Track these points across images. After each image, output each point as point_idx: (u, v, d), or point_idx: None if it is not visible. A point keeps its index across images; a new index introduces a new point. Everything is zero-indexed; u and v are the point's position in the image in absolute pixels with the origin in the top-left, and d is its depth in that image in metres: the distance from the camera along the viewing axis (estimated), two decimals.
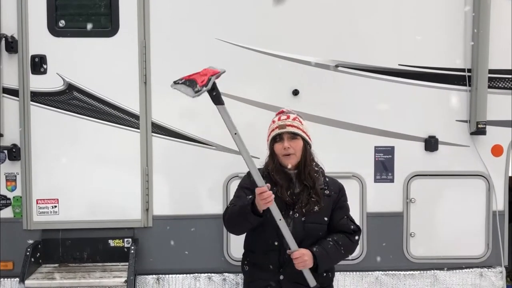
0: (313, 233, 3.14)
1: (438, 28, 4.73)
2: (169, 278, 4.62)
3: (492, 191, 4.79)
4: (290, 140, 3.15)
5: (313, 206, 3.12)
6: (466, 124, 4.77)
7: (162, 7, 4.53)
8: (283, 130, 3.16)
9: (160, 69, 4.55)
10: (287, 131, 3.16)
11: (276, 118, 3.26)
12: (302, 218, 3.11)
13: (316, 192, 3.15)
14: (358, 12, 4.67)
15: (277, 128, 3.19)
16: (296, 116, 3.26)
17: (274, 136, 3.19)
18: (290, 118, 3.22)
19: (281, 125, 3.18)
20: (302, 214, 3.11)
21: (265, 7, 4.57)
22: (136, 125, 4.56)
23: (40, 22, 4.46)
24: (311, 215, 3.12)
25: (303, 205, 3.11)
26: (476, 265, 4.83)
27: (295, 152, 3.15)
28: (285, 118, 3.21)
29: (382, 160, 4.75)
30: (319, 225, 3.17)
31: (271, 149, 3.24)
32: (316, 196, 3.14)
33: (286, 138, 3.15)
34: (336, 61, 4.65)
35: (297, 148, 3.15)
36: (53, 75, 4.49)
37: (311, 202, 3.12)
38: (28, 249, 4.36)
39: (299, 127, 3.20)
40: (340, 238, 3.20)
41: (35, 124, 4.49)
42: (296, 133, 3.16)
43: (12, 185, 4.53)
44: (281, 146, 3.15)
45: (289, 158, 3.15)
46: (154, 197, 4.61)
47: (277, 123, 3.22)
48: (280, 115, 3.29)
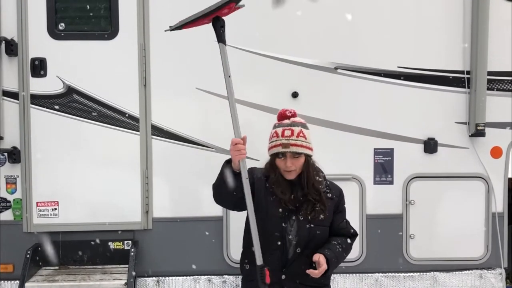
0: (317, 236, 3.13)
1: (437, 30, 4.74)
2: (169, 280, 4.62)
3: (492, 192, 4.80)
4: (292, 158, 3.07)
5: (318, 215, 3.10)
6: (465, 126, 4.78)
7: (161, 10, 4.54)
8: (286, 150, 3.05)
9: (160, 72, 4.56)
10: (290, 151, 3.06)
11: (280, 131, 3.10)
12: (307, 225, 3.10)
13: (323, 202, 3.12)
14: (357, 14, 4.69)
15: (280, 146, 3.06)
16: (300, 130, 3.10)
17: (277, 153, 3.10)
18: (294, 135, 3.07)
19: (285, 144, 3.05)
20: (308, 220, 3.10)
21: (265, 9, 4.58)
22: (136, 128, 4.57)
23: (40, 25, 4.48)
24: (316, 220, 3.12)
25: (308, 213, 3.09)
26: (476, 266, 4.84)
27: (296, 169, 3.11)
28: (289, 135, 3.07)
29: (382, 162, 4.76)
30: (323, 228, 3.16)
31: (272, 160, 3.17)
32: (322, 206, 3.11)
33: (289, 156, 3.07)
34: (336, 63, 4.67)
35: (298, 165, 3.09)
36: (53, 78, 4.50)
37: (316, 211, 3.10)
38: (28, 252, 4.37)
39: (303, 145, 3.08)
40: (343, 241, 3.21)
41: (35, 127, 4.51)
42: (299, 152, 3.08)
43: (12, 188, 4.53)
44: (283, 163, 3.09)
45: (290, 174, 3.12)
46: (154, 199, 4.62)
47: (280, 140, 3.07)
48: (284, 128, 3.11)
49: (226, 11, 2.96)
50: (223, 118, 4.44)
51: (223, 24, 2.99)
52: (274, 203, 3.10)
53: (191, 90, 4.59)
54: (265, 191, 3.13)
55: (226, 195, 3.09)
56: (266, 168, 3.22)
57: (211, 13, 2.94)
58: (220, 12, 2.95)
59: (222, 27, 2.98)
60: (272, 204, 3.10)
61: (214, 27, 2.99)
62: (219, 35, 2.99)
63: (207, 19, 2.99)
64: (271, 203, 3.10)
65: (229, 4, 2.90)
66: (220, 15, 2.97)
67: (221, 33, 2.98)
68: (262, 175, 3.19)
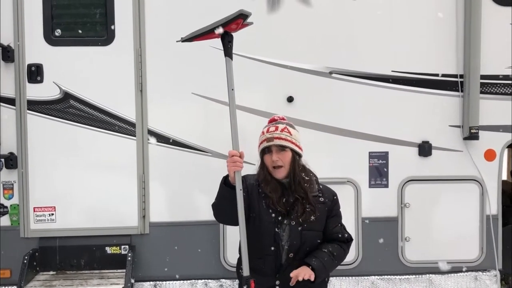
0: (309, 240, 3.16)
1: (430, 34, 4.78)
2: (166, 285, 4.63)
3: (486, 195, 4.83)
4: (278, 152, 3.16)
5: (309, 216, 3.13)
6: (459, 129, 4.82)
7: (157, 16, 4.57)
8: (270, 143, 3.16)
9: (156, 77, 4.59)
10: (274, 144, 3.16)
11: (265, 130, 3.26)
12: (298, 228, 3.13)
13: (309, 202, 3.15)
14: (352, 19, 4.72)
15: (265, 141, 3.19)
16: (285, 127, 3.24)
17: (263, 148, 3.21)
18: (278, 130, 3.20)
19: (269, 138, 3.18)
20: (299, 223, 3.13)
21: (260, 15, 4.59)
22: (132, 133, 4.59)
23: (36, 31, 4.50)
24: (308, 223, 3.15)
25: (299, 215, 3.12)
26: (471, 268, 4.87)
27: (283, 164, 3.16)
28: (273, 130, 3.21)
29: (377, 166, 4.79)
30: (315, 232, 3.19)
31: (261, 160, 3.26)
32: (310, 206, 3.15)
33: (274, 150, 3.16)
34: (330, 67, 4.70)
35: (286, 160, 3.17)
36: (50, 83, 4.52)
37: (307, 212, 3.13)
38: (25, 257, 4.37)
39: (287, 139, 3.18)
40: (335, 248, 3.22)
41: (32, 133, 4.52)
42: (283, 145, 3.17)
43: (9, 193, 4.54)
44: (270, 158, 3.17)
45: (278, 171, 3.17)
46: (150, 204, 4.63)
47: (265, 135, 3.22)
48: (269, 125, 3.28)
49: (235, 26, 3.05)
50: (220, 123, 4.51)
51: (231, 39, 3.09)
52: (267, 209, 3.14)
53: (187, 95, 4.61)
54: (258, 197, 3.18)
55: (225, 211, 3.14)
56: (258, 172, 3.26)
57: (221, 27, 3.03)
58: (229, 27, 3.04)
59: (229, 42, 3.08)
60: (265, 210, 3.14)
61: (223, 41, 3.08)
62: (226, 49, 3.08)
63: (216, 34, 3.07)
64: (264, 210, 3.14)
65: (237, 19, 2.99)
66: (229, 30, 3.06)
67: (228, 47, 3.08)
68: (254, 181, 3.24)
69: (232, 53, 3.09)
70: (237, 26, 3.06)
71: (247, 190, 3.15)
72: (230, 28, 3.06)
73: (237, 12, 2.97)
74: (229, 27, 3.04)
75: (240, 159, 2.98)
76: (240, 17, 2.98)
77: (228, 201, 3.05)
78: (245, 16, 2.99)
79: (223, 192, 3.08)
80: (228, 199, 3.04)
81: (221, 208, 3.17)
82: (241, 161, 2.99)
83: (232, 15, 2.98)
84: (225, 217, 3.25)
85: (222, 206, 3.14)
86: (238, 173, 2.99)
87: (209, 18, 4.50)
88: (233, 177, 2.99)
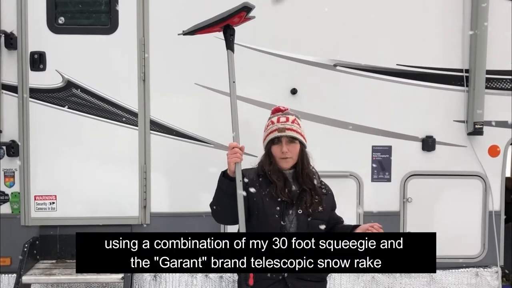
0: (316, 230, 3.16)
1: (436, 28, 4.75)
2: (166, 276, 4.63)
3: (489, 191, 4.81)
4: (288, 144, 3.14)
5: (317, 206, 3.14)
6: (463, 125, 4.79)
7: (161, 5, 4.55)
8: (282, 134, 3.14)
9: (159, 67, 4.56)
10: (286, 135, 3.14)
11: (275, 119, 3.22)
12: (308, 218, 3.12)
13: (317, 193, 3.17)
14: (357, 12, 4.69)
15: (276, 131, 3.16)
16: (295, 118, 3.24)
17: (273, 138, 3.18)
18: (289, 121, 3.18)
19: (281, 128, 3.15)
20: (307, 213, 3.13)
21: (264, 6, 4.56)
22: (134, 123, 4.58)
23: (39, 19, 4.48)
24: (315, 214, 3.14)
25: (308, 206, 3.12)
26: (472, 264, 4.86)
27: (292, 156, 3.15)
28: (285, 121, 3.18)
29: (380, 160, 4.77)
30: (321, 221, 3.18)
31: (267, 149, 3.23)
32: (318, 197, 3.16)
33: (284, 141, 3.14)
34: (335, 60, 4.67)
35: (294, 152, 3.16)
36: (52, 71, 4.50)
37: (315, 203, 3.14)
38: (25, 245, 4.38)
39: (298, 131, 3.18)
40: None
41: (34, 121, 4.51)
42: (295, 137, 3.16)
43: (10, 181, 4.54)
44: (279, 149, 3.15)
45: (286, 162, 3.16)
46: (152, 194, 4.62)
47: (276, 125, 3.18)
48: (279, 116, 3.24)
49: (237, 20, 3.04)
50: (222, 113, 4.45)
51: (232, 33, 3.09)
52: (270, 201, 3.11)
53: (190, 86, 4.59)
54: (260, 192, 3.13)
55: (225, 207, 3.09)
56: (261, 161, 3.24)
57: (223, 20, 3.02)
58: (231, 21, 3.03)
59: (231, 36, 3.09)
60: (269, 203, 3.11)
61: (225, 35, 3.08)
62: (228, 42, 3.08)
63: (218, 27, 3.08)
64: (268, 203, 3.11)
65: (239, 13, 2.97)
66: (231, 23, 3.05)
67: (230, 40, 3.08)
68: (254, 175, 3.21)
69: (233, 46, 3.08)
70: (239, 20, 3.05)
71: (247, 189, 3.10)
72: (233, 22, 3.05)
73: (241, 5, 2.94)
74: (231, 20, 3.03)
75: (241, 151, 2.96)
76: (243, 9, 2.96)
77: (227, 196, 3.01)
78: (248, 9, 2.97)
79: (222, 186, 3.04)
80: (227, 194, 3.00)
81: (220, 205, 3.12)
82: (241, 153, 2.96)
83: (235, 7, 2.96)
84: (225, 215, 3.18)
85: (221, 203, 3.09)
86: (238, 165, 2.96)
87: (213, 8, 4.52)
88: (233, 170, 2.96)
